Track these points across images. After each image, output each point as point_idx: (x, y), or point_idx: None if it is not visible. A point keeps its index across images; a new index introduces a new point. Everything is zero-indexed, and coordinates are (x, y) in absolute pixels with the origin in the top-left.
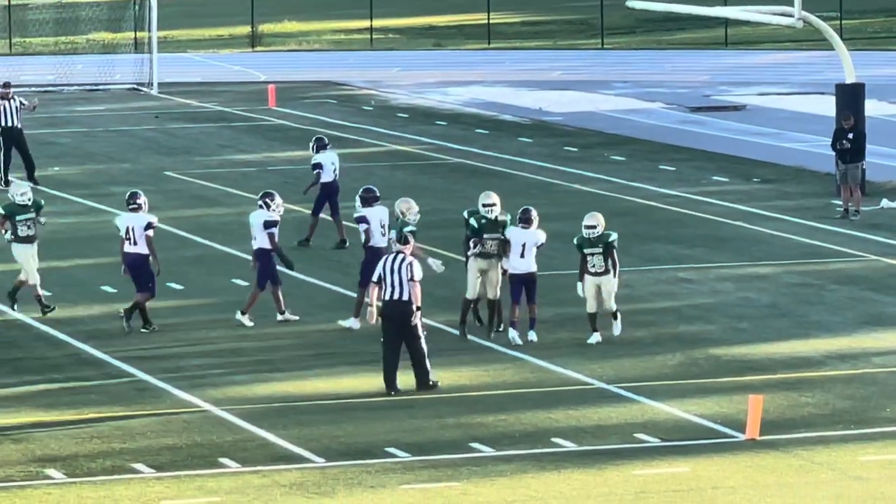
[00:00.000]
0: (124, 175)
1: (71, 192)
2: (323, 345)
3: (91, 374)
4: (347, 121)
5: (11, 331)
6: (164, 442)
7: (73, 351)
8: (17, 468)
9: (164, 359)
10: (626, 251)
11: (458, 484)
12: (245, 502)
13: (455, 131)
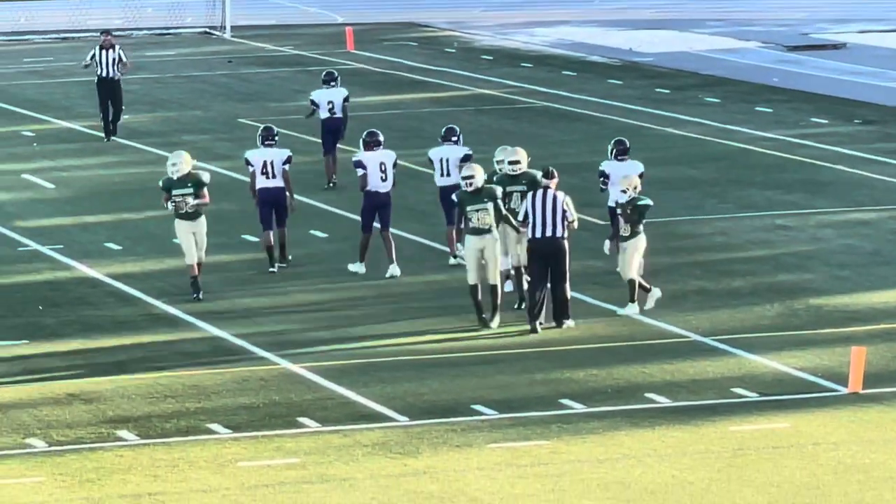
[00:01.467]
0: (196, 122)
1: (141, 141)
2: (406, 299)
3: (164, 331)
4: (429, 64)
5: (81, 287)
6: (241, 401)
7: (145, 308)
8: (88, 430)
9: (240, 315)
10: (722, 197)
11: (548, 442)
12: (325, 463)
13: (541, 73)
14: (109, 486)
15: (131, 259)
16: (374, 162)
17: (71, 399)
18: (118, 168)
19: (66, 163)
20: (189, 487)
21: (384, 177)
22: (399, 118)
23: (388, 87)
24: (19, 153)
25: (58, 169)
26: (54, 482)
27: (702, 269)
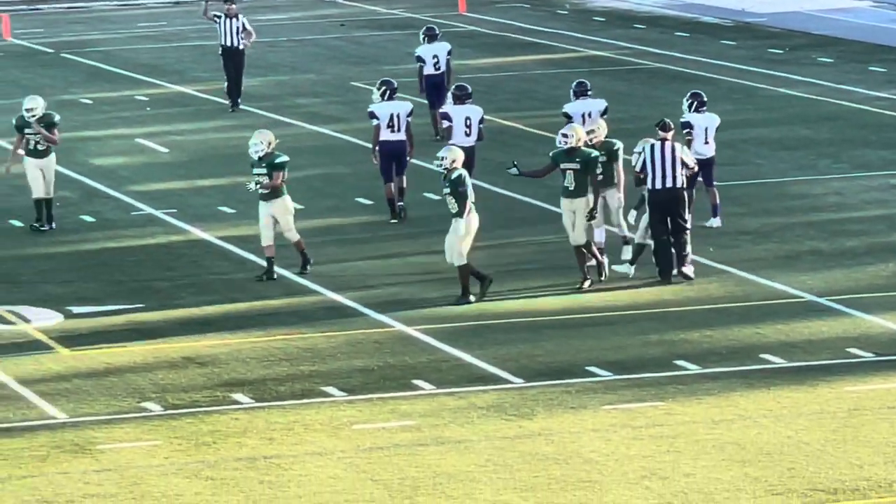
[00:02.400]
0: (309, 86)
1: (254, 105)
2: (519, 261)
3: (278, 294)
4: (541, 26)
5: (195, 250)
6: (356, 364)
7: (259, 271)
8: (204, 393)
9: (353, 277)
10: (836, 157)
11: (663, 403)
12: (441, 425)
13: (654, 35)
14: (225, 450)
15: (245, 222)
16: (460, 116)
17: (186, 363)
18: (231, 132)
19: (179, 127)
20: (304, 450)
21: (468, 131)
22: (511, 80)
23: (500, 49)
24: (133, 117)
25: (171, 133)
26: (170, 445)
27: (816, 230)
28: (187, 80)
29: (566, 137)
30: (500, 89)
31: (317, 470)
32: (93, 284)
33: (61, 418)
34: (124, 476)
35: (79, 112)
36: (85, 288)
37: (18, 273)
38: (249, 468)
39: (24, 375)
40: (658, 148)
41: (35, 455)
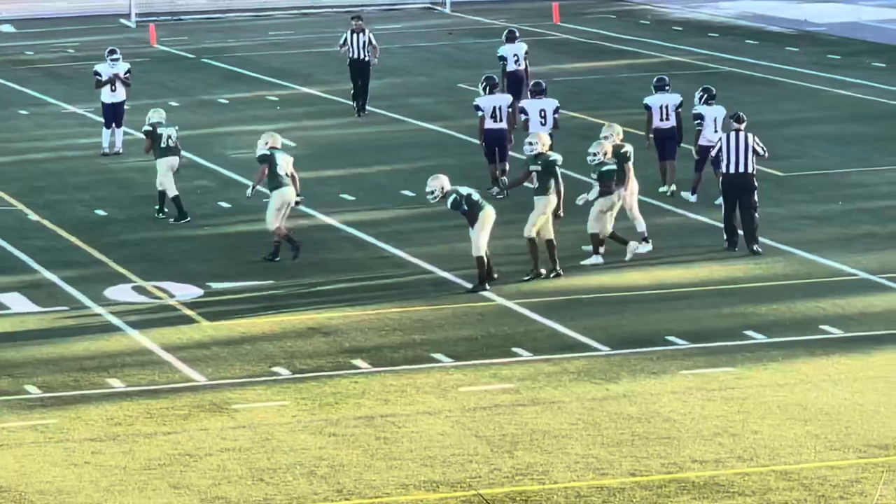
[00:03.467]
0: (421, 88)
1: (372, 105)
2: (605, 242)
3: (392, 271)
4: (626, 34)
5: (319, 233)
6: (461, 333)
7: (375, 251)
8: (327, 359)
9: (459, 257)
10: (889, 150)
11: (734, 369)
12: (537, 388)
13: (726, 42)
14: (346, 409)
15: (363, 208)
16: (535, 109)
17: (312, 332)
18: (352, 128)
19: (306, 124)
20: (416, 410)
21: (543, 122)
22: (601, 83)
23: (590, 55)
24: (265, 115)
25: (299, 129)
26: (297, 406)
27: (870, 215)
28: (313, 82)
29: (532, 145)
30: (590, 90)
31: (427, 427)
32: (229, 263)
33: (201, 381)
34: (257, 432)
35: (217, 110)
36: (222, 266)
37: (163, 253)
38: (367, 426)
39: (168, 343)
40: (733, 137)
41: (178, 414)
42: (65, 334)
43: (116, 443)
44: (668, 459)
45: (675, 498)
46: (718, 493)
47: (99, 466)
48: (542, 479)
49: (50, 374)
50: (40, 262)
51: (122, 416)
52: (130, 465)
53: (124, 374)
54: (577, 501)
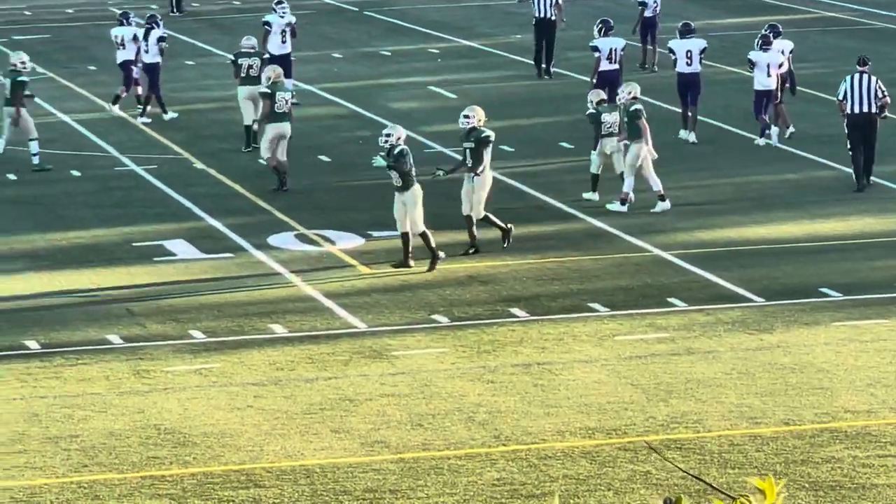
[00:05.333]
0: (578, 41)
1: (529, 57)
2: (762, 196)
3: (550, 221)
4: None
5: None
6: (618, 283)
7: (533, 201)
8: (485, 307)
9: (612, 210)
10: None
11: (886, 321)
12: (692, 338)
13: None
14: (503, 357)
15: (522, 160)
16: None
17: (470, 280)
18: (510, 81)
19: (466, 76)
20: (573, 358)
21: (689, 62)
22: (754, 37)
23: (746, 11)
24: (426, 67)
25: (459, 82)
26: (456, 352)
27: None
28: (473, 35)
29: (468, 118)
30: (745, 46)
31: (583, 375)
32: (389, 212)
33: (361, 328)
34: (416, 378)
35: (379, 62)
36: (382, 215)
37: (326, 201)
38: (524, 373)
39: (330, 290)
40: (857, 79)
41: (339, 359)
42: (228, 280)
43: (278, 387)
44: (820, 409)
45: (828, 447)
46: (871, 443)
47: (261, 410)
48: (697, 427)
49: (214, 319)
50: (205, 210)
51: (284, 361)
52: (292, 410)
53: (286, 320)
54: (731, 450)
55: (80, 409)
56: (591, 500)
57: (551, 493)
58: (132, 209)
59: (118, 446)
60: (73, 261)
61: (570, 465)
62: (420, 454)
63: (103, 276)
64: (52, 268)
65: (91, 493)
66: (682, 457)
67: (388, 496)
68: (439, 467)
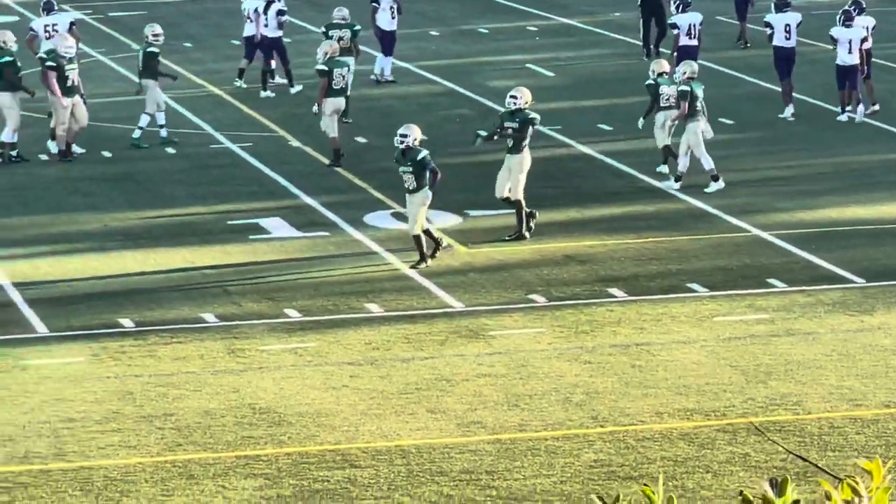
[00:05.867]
0: None
1: (630, 36)
2: (862, 175)
3: (649, 201)
4: None
5: (576, 163)
6: (717, 263)
7: (632, 181)
8: (583, 287)
9: (724, 189)
10: None
11: None
12: (791, 319)
13: None
14: (601, 337)
15: (621, 138)
16: (781, 22)
17: (568, 260)
18: (610, 59)
19: (564, 54)
20: (671, 339)
21: (787, 36)
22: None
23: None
24: (524, 45)
25: (557, 59)
26: (553, 332)
27: None
28: (572, 13)
29: (515, 99)
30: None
31: (682, 356)
32: (486, 192)
33: (458, 307)
34: (513, 359)
35: (476, 40)
36: (479, 194)
37: None
38: (622, 353)
39: (426, 269)
40: None
41: (435, 339)
42: (324, 259)
43: (374, 367)
44: None
45: None
46: None
47: (356, 390)
48: (796, 409)
49: (309, 298)
50: (301, 188)
51: (380, 340)
52: (388, 389)
53: (382, 299)
54: (831, 432)
55: (175, 388)
56: (690, 482)
57: (649, 475)
58: (228, 187)
59: (213, 425)
60: (168, 239)
61: (668, 446)
62: (517, 435)
63: (198, 255)
64: (146, 246)
65: (185, 473)
66: (781, 439)
67: (485, 477)
68: (536, 448)
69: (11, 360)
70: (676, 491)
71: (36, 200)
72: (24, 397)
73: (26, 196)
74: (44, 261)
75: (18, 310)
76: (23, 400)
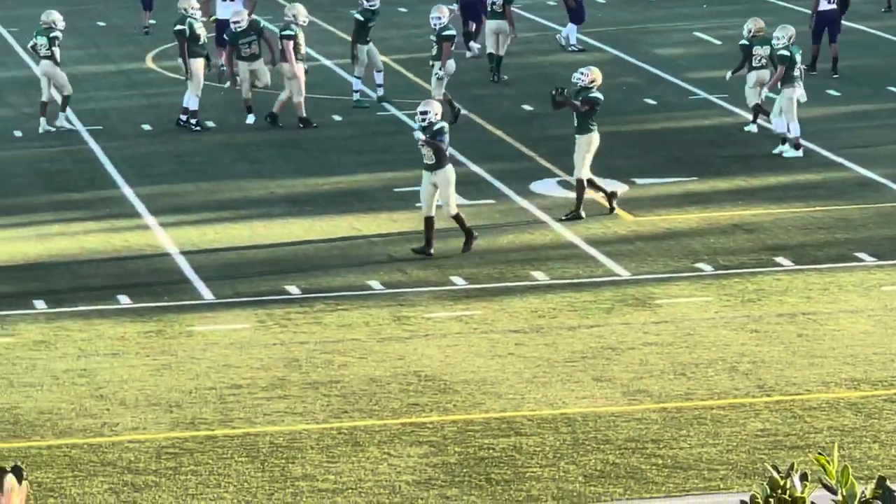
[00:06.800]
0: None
1: (800, 4)
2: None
3: (816, 169)
4: None
5: (743, 131)
6: (884, 233)
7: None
8: (750, 256)
9: (886, 157)
10: None
11: None
12: None
13: None
14: (767, 306)
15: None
16: None
17: (735, 229)
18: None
19: (732, 21)
20: (838, 308)
21: None
22: None
23: None
24: (692, 13)
25: (724, 27)
26: (720, 301)
27: None
28: None
29: (583, 76)
30: None
31: (849, 325)
32: (653, 159)
33: (624, 275)
34: (679, 327)
35: (644, 7)
36: (646, 162)
37: None
38: (789, 322)
39: (592, 237)
40: None
41: (601, 307)
42: (490, 227)
43: (540, 335)
44: None
45: None
46: None
47: (522, 358)
48: None
49: (475, 266)
50: (467, 156)
51: (546, 308)
52: (553, 357)
53: (548, 267)
54: None
55: (341, 355)
56: (857, 452)
57: (815, 445)
58: (394, 154)
59: (378, 392)
60: (333, 206)
61: (834, 416)
62: (682, 404)
63: (364, 222)
64: (312, 213)
65: (351, 440)
66: None
67: (651, 445)
68: (702, 417)
69: (178, 326)
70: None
71: (202, 167)
72: (190, 364)
73: (193, 163)
74: (210, 228)
75: (185, 277)
76: (189, 366)
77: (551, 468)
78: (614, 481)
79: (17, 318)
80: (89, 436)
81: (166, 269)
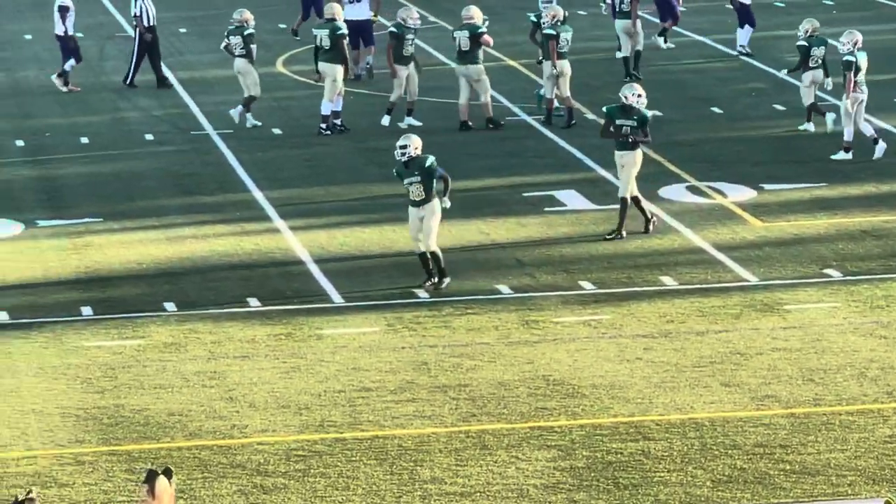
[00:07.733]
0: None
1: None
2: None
3: None
4: None
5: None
6: None
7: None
8: (878, 262)
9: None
10: None
11: None
12: None
13: None
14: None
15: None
16: None
17: (864, 235)
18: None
19: (860, 28)
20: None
21: None
22: None
23: None
24: (820, 19)
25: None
26: (848, 307)
27: None
28: None
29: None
30: None
31: None
32: (781, 165)
33: (753, 281)
34: (807, 333)
35: (773, 13)
36: (775, 168)
37: (717, 154)
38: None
39: (720, 242)
40: None
41: (729, 313)
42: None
43: (668, 339)
44: None
45: None
46: None
47: (650, 363)
48: None
49: (604, 270)
50: (596, 160)
51: (674, 313)
52: (681, 362)
53: (677, 272)
54: None
55: (469, 359)
56: None
57: None
58: (523, 159)
59: (507, 396)
60: (462, 211)
61: None
62: (811, 409)
63: (493, 227)
64: (441, 217)
65: (479, 443)
66: None
67: (779, 451)
68: (830, 423)
69: (307, 329)
70: None
71: (332, 171)
72: (320, 366)
73: (323, 167)
74: (340, 231)
75: (315, 280)
76: (319, 369)
77: (679, 473)
78: (742, 486)
79: (148, 320)
80: (219, 438)
81: (296, 272)
